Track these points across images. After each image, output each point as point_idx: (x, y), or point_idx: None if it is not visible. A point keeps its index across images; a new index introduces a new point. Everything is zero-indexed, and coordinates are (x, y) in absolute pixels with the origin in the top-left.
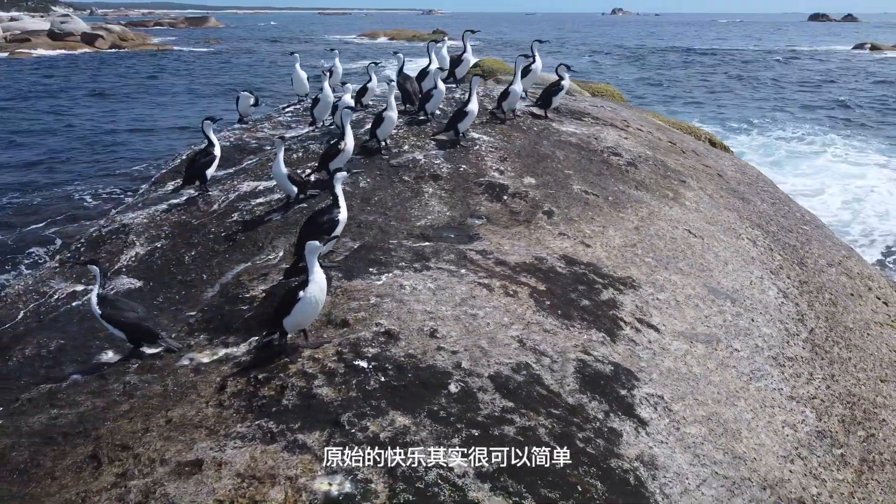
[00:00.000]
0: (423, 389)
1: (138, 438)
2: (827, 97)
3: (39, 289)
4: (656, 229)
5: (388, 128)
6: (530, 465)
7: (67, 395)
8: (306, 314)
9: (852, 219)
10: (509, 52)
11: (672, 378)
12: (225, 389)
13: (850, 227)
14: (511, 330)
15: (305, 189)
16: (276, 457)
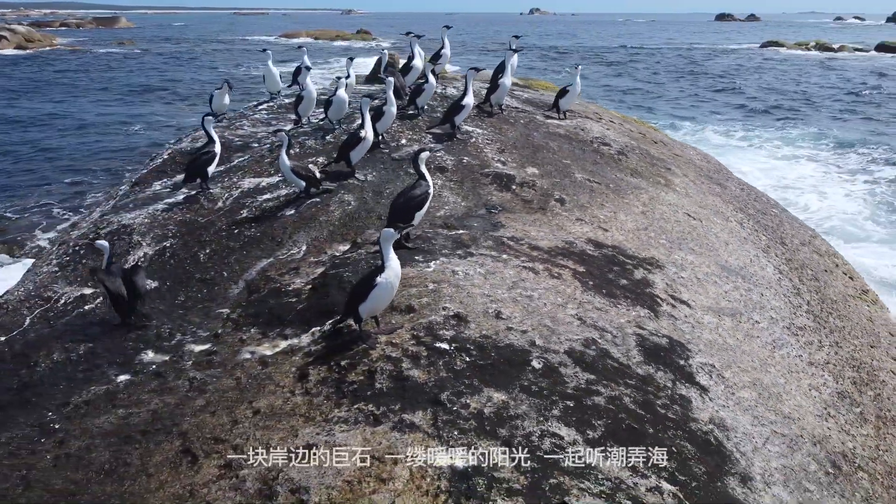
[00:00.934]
0: (509, 367)
1: (229, 430)
2: (747, 93)
3: (43, 294)
4: (660, 213)
5: (387, 122)
6: (626, 430)
7: (129, 395)
8: (382, 300)
9: (786, 206)
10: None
11: (715, 348)
12: (307, 378)
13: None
14: (567, 309)
15: (316, 183)
16: (388, 437)
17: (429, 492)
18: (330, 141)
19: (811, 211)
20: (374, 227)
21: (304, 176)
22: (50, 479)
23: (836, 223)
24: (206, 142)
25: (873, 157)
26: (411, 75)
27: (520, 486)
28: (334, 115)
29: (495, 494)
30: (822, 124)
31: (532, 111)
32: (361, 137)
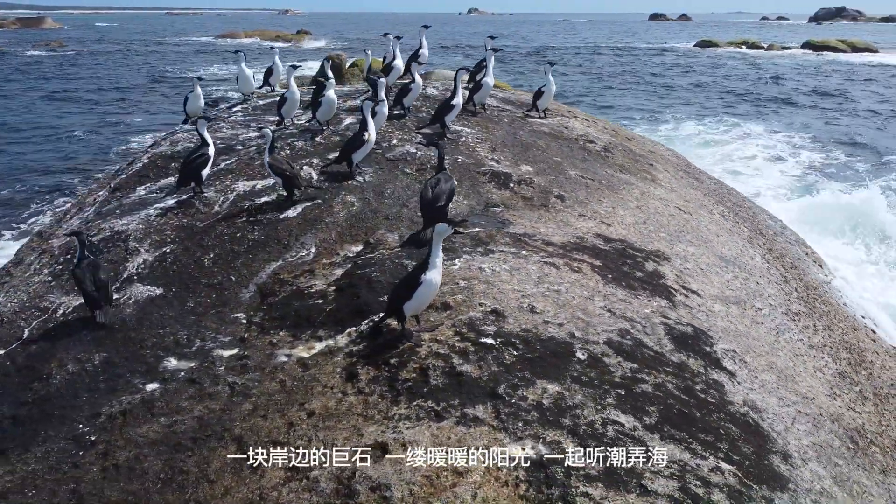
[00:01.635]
0: (555, 359)
1: (286, 433)
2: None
3: (39, 304)
4: (654, 207)
5: (380, 121)
6: (677, 415)
7: (167, 403)
8: (427, 297)
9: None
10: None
11: (731, 335)
12: (357, 378)
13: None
14: (595, 301)
15: (297, 182)
16: (455, 431)
17: (508, 482)
18: (321, 142)
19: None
20: (383, 227)
21: (280, 172)
22: (103, 492)
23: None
24: (199, 144)
25: (799, 144)
26: (392, 75)
27: (596, 473)
28: (323, 116)
29: (575, 482)
30: (767, 116)
31: (512, 110)
32: (365, 140)
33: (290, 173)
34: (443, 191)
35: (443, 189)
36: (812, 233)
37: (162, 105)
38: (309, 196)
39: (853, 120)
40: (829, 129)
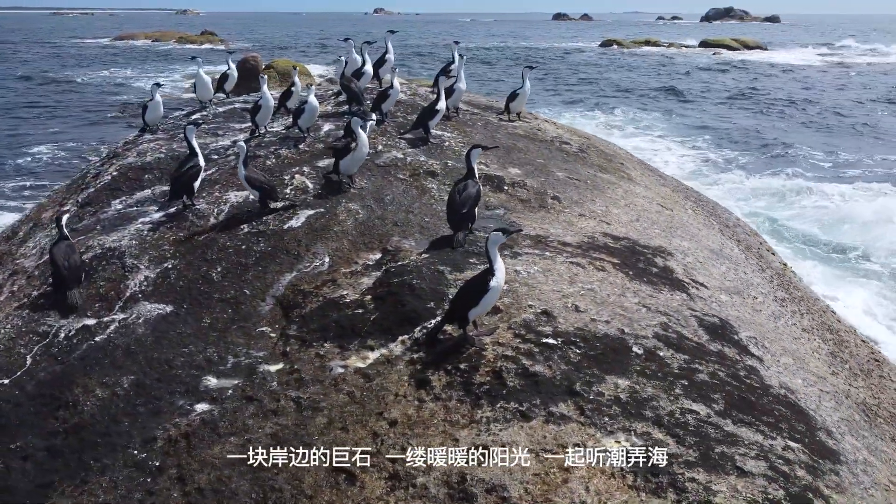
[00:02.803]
0: (616, 354)
1: (374, 443)
2: (607, 90)
3: (37, 329)
4: (640, 205)
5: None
6: (738, 400)
7: (231, 423)
8: (491, 303)
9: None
10: (291, 52)
11: (745, 323)
12: (430, 384)
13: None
14: (629, 297)
15: (274, 194)
16: (546, 429)
17: (614, 474)
18: (305, 150)
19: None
20: (395, 234)
21: (259, 186)
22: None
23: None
24: (188, 155)
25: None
26: (363, 81)
27: (693, 459)
28: (306, 122)
29: (678, 468)
30: (670, 112)
31: (481, 113)
32: (352, 150)
33: (268, 186)
34: (470, 195)
35: (470, 194)
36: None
37: (59, 113)
38: (284, 207)
39: (753, 115)
40: (730, 123)
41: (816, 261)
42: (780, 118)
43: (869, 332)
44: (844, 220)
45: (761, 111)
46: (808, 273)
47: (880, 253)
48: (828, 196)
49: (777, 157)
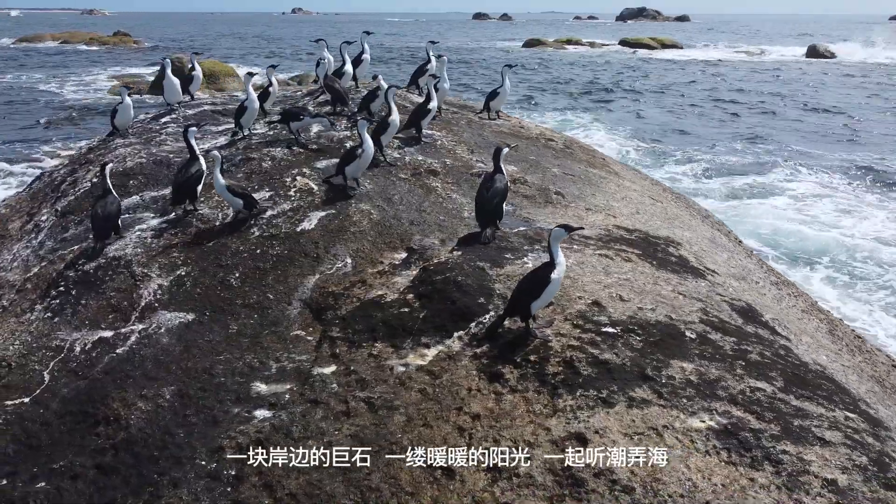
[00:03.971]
0: (673, 340)
1: (462, 436)
2: (547, 88)
3: (49, 344)
4: (635, 199)
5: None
6: (792, 377)
7: (305, 427)
8: (552, 295)
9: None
10: (216, 54)
11: (762, 306)
12: (503, 378)
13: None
14: (662, 285)
15: (254, 203)
16: (632, 414)
17: (709, 452)
18: (300, 151)
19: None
20: (416, 233)
21: (240, 194)
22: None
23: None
24: (189, 158)
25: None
26: (343, 81)
27: (777, 432)
28: (246, 121)
29: (766, 441)
30: (599, 110)
31: (461, 112)
32: (357, 155)
33: (249, 195)
34: (497, 192)
35: (498, 190)
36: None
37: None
38: (260, 212)
39: (674, 111)
40: (650, 119)
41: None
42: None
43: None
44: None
45: (686, 107)
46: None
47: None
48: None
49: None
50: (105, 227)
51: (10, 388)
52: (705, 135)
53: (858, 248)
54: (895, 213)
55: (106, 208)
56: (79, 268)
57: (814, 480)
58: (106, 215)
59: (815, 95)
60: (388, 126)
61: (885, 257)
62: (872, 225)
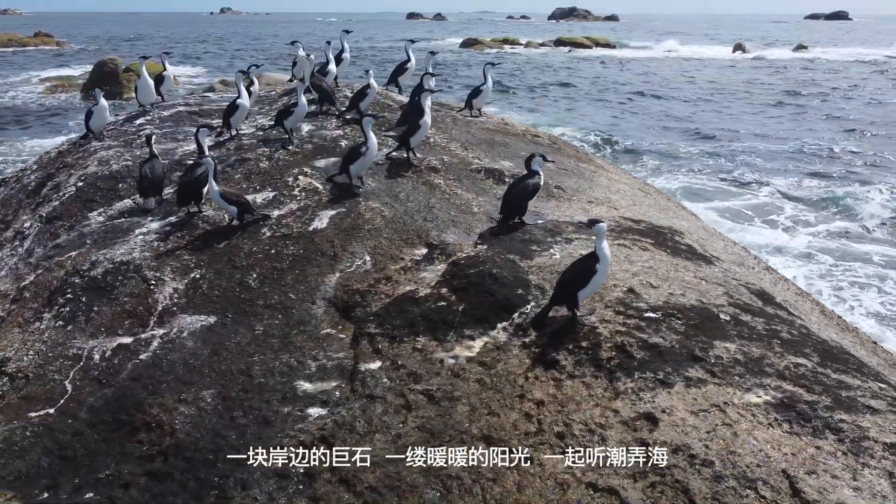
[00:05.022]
0: (710, 322)
1: (529, 423)
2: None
3: (66, 353)
4: (627, 191)
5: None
6: (824, 352)
7: (368, 422)
8: (599, 283)
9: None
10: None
11: (770, 290)
12: (559, 364)
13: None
14: (683, 272)
15: (250, 208)
16: (691, 393)
17: (771, 424)
18: (296, 150)
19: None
20: (432, 229)
21: (235, 201)
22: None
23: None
24: (197, 158)
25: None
26: (328, 79)
27: (829, 403)
28: (292, 122)
29: (822, 412)
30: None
31: (440, 109)
32: (362, 153)
33: (244, 200)
34: (526, 187)
35: (527, 185)
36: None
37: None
38: (256, 219)
39: (616, 107)
40: (589, 117)
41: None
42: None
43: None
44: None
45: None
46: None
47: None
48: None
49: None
50: (152, 187)
51: (31, 400)
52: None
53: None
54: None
55: (154, 171)
56: (84, 274)
57: (875, 445)
58: (153, 177)
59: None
60: (419, 128)
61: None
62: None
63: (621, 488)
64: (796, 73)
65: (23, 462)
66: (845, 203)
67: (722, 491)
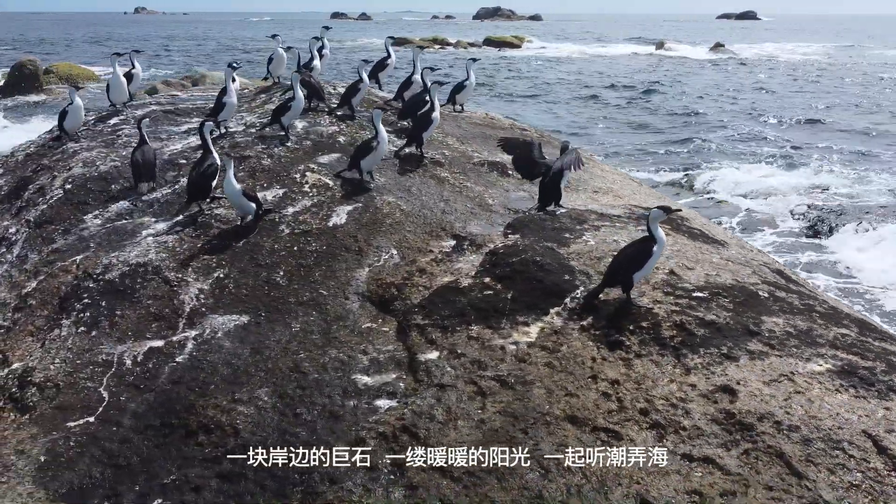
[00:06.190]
0: (752, 299)
1: (610, 401)
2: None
3: (94, 359)
4: (619, 181)
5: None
6: (860, 322)
7: (448, 410)
8: (653, 265)
9: None
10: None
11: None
12: (624, 345)
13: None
14: (707, 255)
15: (261, 205)
16: (757, 364)
17: (838, 389)
18: (296, 147)
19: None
20: (455, 221)
21: (253, 198)
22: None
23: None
24: (203, 155)
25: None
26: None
27: (885, 368)
28: (289, 119)
29: (882, 376)
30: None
31: None
32: (373, 147)
33: (256, 197)
34: (562, 171)
35: (562, 170)
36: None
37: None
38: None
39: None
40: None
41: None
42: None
43: None
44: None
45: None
46: None
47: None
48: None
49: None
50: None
51: (66, 409)
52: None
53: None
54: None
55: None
56: (98, 278)
57: None
58: (145, 163)
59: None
60: (432, 122)
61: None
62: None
63: (717, 457)
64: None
65: (73, 473)
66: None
67: (813, 453)
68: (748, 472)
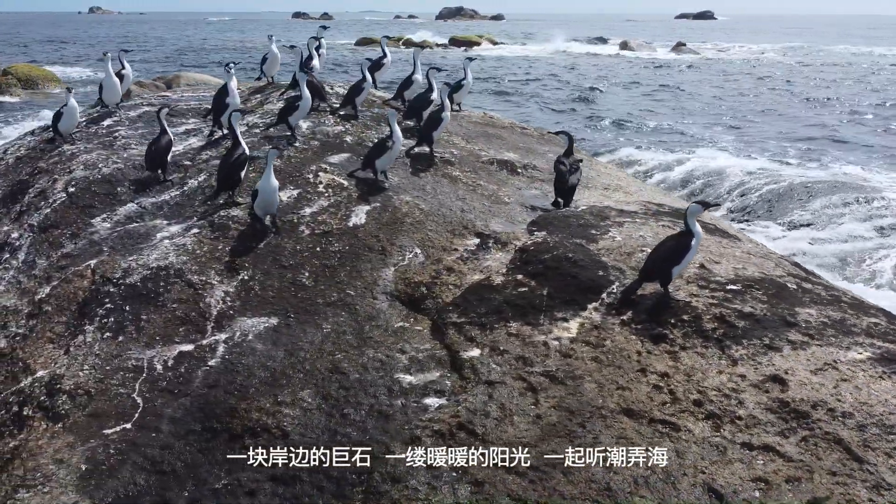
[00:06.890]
0: (783, 291)
1: (663, 394)
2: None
3: (124, 365)
4: (623, 177)
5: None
6: (885, 312)
7: (501, 407)
8: (690, 260)
9: None
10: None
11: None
12: (668, 338)
13: None
14: (728, 249)
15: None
16: (800, 354)
17: (882, 377)
18: (305, 147)
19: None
20: (476, 219)
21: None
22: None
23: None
24: (232, 145)
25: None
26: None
27: None
28: (297, 118)
29: None
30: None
31: None
32: (389, 147)
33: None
34: (580, 171)
35: (581, 170)
36: None
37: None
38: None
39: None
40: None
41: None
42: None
43: None
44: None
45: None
46: None
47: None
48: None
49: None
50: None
51: (101, 416)
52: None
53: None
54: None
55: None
56: (119, 282)
57: None
58: (156, 152)
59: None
60: (442, 122)
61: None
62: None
63: (777, 445)
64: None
65: (117, 481)
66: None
67: (869, 438)
68: (810, 459)
